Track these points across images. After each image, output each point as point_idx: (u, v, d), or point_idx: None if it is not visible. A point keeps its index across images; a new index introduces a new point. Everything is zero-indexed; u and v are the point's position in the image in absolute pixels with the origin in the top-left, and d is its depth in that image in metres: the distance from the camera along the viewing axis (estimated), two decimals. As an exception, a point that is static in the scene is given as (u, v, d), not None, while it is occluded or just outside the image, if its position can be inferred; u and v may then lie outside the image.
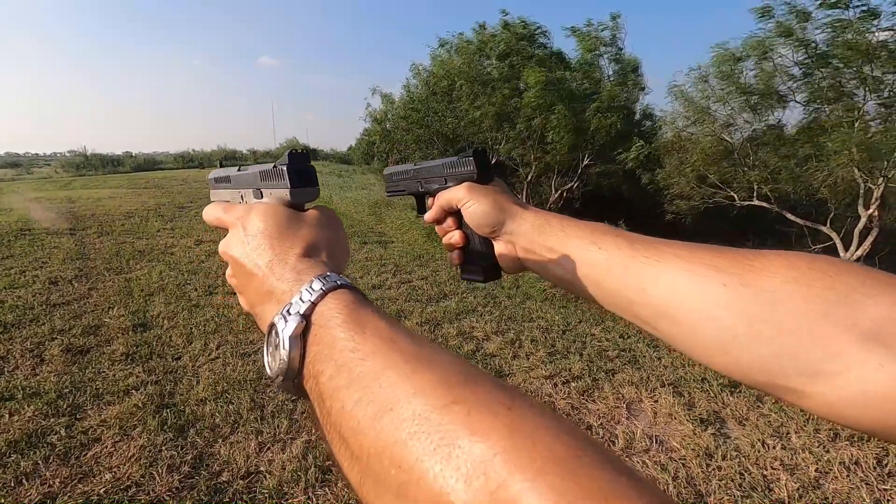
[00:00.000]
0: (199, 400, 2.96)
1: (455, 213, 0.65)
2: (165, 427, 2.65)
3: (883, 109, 7.29)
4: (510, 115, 12.86)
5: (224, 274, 0.49)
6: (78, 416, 2.76)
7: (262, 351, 0.39)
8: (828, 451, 2.53)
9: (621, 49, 12.66)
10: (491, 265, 0.63)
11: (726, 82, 8.59)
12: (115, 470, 2.29)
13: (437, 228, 0.69)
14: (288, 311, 0.36)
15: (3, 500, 2.07)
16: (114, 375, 3.26)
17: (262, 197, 0.51)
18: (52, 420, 2.70)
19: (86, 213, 10.67)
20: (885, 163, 6.93)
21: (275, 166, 0.47)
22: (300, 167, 0.46)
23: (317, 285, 0.36)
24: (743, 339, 0.37)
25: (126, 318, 4.33)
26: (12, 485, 2.18)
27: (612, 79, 12.84)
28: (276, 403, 2.92)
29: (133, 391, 3.04)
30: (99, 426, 2.66)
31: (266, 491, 2.17)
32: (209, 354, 3.62)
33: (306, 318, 0.35)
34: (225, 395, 3.01)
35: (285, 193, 0.47)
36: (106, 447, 2.48)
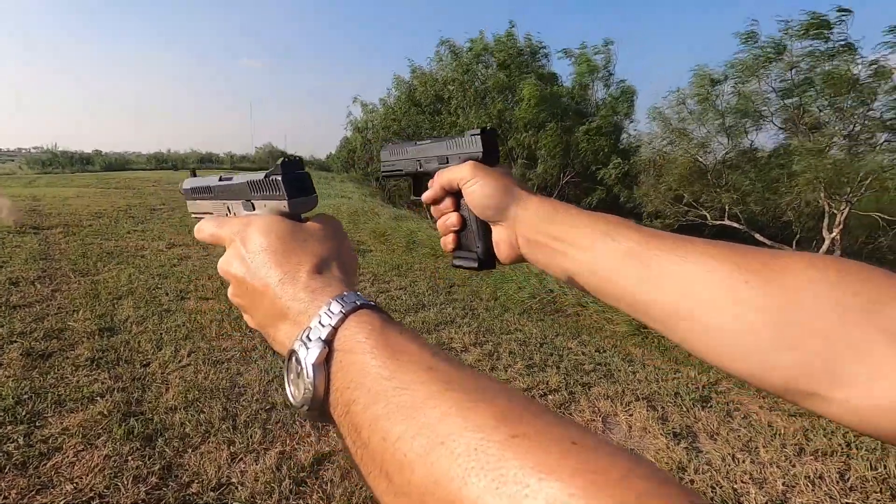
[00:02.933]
0: (168, 408, 2.86)
1: (455, 194, 0.62)
2: (132, 436, 2.55)
3: (848, 141, 7.68)
4: (501, 132, 13.06)
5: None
6: (38, 424, 2.63)
7: (284, 377, 0.37)
8: (794, 466, 2.60)
9: (612, 74, 13.05)
10: (486, 252, 0.60)
11: (703, 105, 8.93)
12: (76, 481, 2.19)
13: (433, 209, 0.66)
14: (308, 336, 0.34)
15: (-48, 513, 1.95)
16: (77, 381, 3.12)
17: (253, 209, 0.48)
18: (9, 428, 2.56)
19: (51, 211, 10.28)
20: (849, 189, 7.27)
21: (267, 176, 0.44)
22: (295, 176, 0.43)
23: (335, 307, 0.35)
24: (766, 340, 0.36)
25: (92, 321, 4.17)
26: (-37, 496, 2.06)
27: (603, 102, 13.20)
28: (249, 413, 2.85)
29: (98, 398, 2.92)
30: (60, 434, 2.54)
31: (238, 503, 2.11)
32: (180, 361, 3.51)
33: (328, 343, 0.33)
34: (196, 404, 2.92)
35: (282, 205, 0.44)
36: (67, 457, 2.36)
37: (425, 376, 0.29)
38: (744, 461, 2.63)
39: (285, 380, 0.37)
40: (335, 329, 0.34)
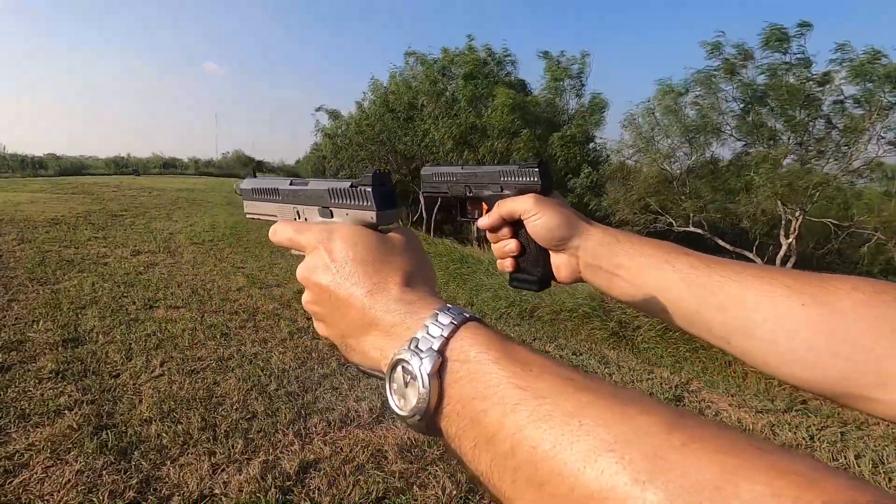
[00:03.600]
0: (142, 420, 2.76)
1: (514, 223, 0.64)
2: (105, 450, 2.45)
3: (803, 151, 8.14)
4: (471, 140, 13.17)
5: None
6: (1, 441, 2.49)
7: (386, 388, 0.37)
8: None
9: (584, 85, 13.39)
10: (545, 275, 0.62)
11: (669, 117, 9.29)
12: (47, 498, 2.08)
13: (489, 235, 0.68)
14: (417, 346, 0.34)
15: None
16: (42, 395, 2.97)
17: (331, 216, 0.47)
18: (-32, 445, 2.42)
19: (2, 217, 9.74)
20: (803, 198, 7.70)
21: (353, 185, 0.44)
22: (385, 189, 0.44)
23: (445, 319, 0.35)
24: (823, 355, 0.41)
25: (54, 332, 3.97)
26: (-78, 518, 1.93)
27: (573, 111, 13.51)
28: (229, 422, 2.78)
29: (66, 411, 2.79)
30: (26, 450, 2.41)
31: (222, 515, 2.05)
32: (152, 371, 3.39)
33: (441, 353, 0.33)
34: (172, 415, 2.82)
35: (369, 216, 0.44)
36: (35, 473, 2.25)
37: (565, 387, 0.28)
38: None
39: (388, 391, 0.37)
40: (447, 339, 0.34)
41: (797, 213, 8.13)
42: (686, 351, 4.43)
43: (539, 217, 0.59)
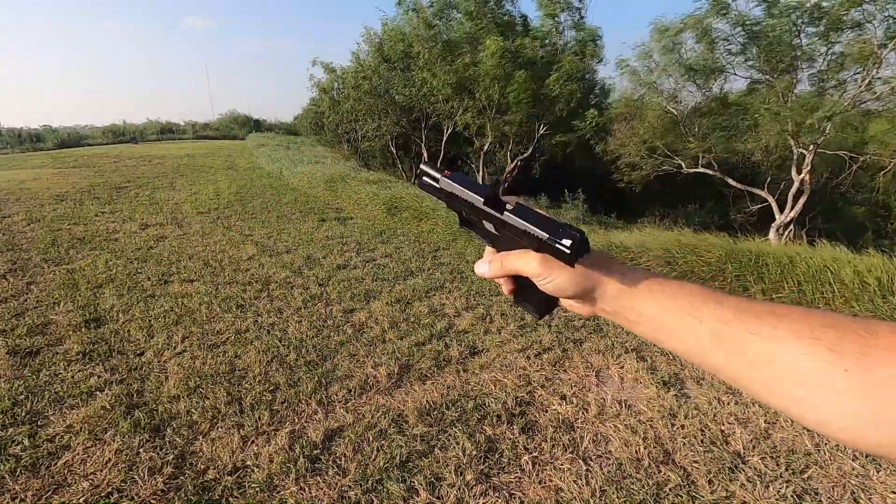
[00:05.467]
0: (171, 397, 2.87)
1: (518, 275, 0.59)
2: (139, 428, 2.57)
3: (817, 79, 7.75)
4: (469, 85, 12.70)
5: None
6: (40, 424, 2.62)
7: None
8: (774, 404, 2.80)
9: (583, 17, 12.69)
10: (548, 305, 0.59)
11: (668, 56, 8.85)
12: (91, 477, 2.21)
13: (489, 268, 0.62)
14: None
15: (-30, 520, 1.96)
16: (72, 377, 3.09)
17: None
18: (10, 430, 2.55)
19: (7, 197, 9.76)
20: (814, 134, 7.42)
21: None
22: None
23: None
24: (865, 419, 0.39)
25: (75, 313, 4.07)
26: (-22, 503, 2.06)
27: (571, 47, 12.89)
28: (253, 395, 2.88)
29: (97, 392, 2.91)
30: (65, 433, 2.54)
31: (256, 485, 2.17)
32: (174, 348, 3.49)
33: None
34: (198, 391, 2.93)
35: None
36: (77, 454, 2.38)
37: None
38: (728, 403, 2.82)
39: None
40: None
41: (810, 147, 7.88)
42: (696, 297, 4.47)
43: (550, 280, 0.55)
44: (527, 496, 2.14)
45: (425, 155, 17.08)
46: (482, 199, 0.56)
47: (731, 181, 9.56)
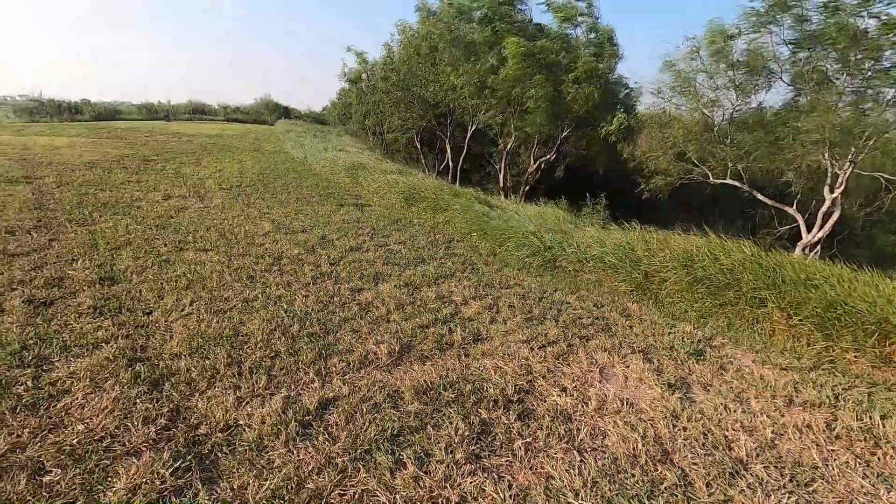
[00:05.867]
0: (173, 355, 2.90)
1: None
2: (139, 380, 2.60)
3: (856, 97, 7.49)
4: (491, 84, 12.65)
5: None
6: (45, 368, 2.67)
7: None
8: (783, 415, 2.69)
9: (597, 18, 12.52)
10: None
11: (716, 57, 8.64)
12: (87, 421, 2.24)
13: None
14: None
15: (-32, 450, 2.00)
16: (81, 328, 3.15)
17: None
18: (16, 371, 2.60)
19: (42, 160, 10.07)
20: (853, 148, 7.17)
21: None
22: None
23: None
24: None
25: (92, 270, 4.16)
26: (-23, 434, 2.10)
27: (587, 49, 12.74)
28: (253, 360, 2.89)
29: (103, 344, 2.96)
30: (68, 378, 2.58)
31: (246, 444, 2.17)
32: (182, 310, 3.53)
33: None
34: (200, 351, 2.96)
35: None
36: (77, 399, 2.41)
37: None
38: (735, 410, 2.72)
39: None
40: None
41: (846, 166, 7.60)
42: (712, 306, 4.32)
43: None
44: (516, 480, 2.09)
45: (449, 152, 17.07)
46: None
47: (759, 195, 9.29)
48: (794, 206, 9.11)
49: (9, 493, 1.80)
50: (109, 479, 1.92)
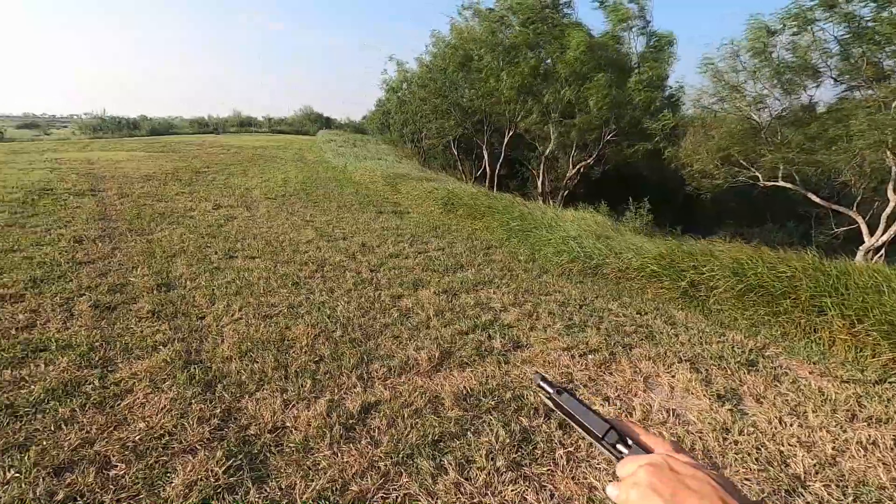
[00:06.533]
0: (224, 358, 3.04)
1: None
2: (194, 382, 2.74)
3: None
4: (534, 88, 12.57)
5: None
6: (110, 369, 2.86)
7: None
8: (845, 431, 2.54)
9: (649, 21, 12.24)
10: None
11: (759, 58, 8.26)
12: (148, 419, 2.38)
13: None
14: None
15: (44, 444, 2.16)
16: (141, 331, 3.35)
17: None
18: (85, 371, 2.80)
19: (105, 174, 10.78)
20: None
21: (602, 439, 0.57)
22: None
23: None
24: None
25: (150, 277, 4.41)
26: (52, 429, 2.27)
27: (646, 54, 12.46)
28: (299, 364, 2.99)
29: (161, 347, 3.13)
30: (130, 378, 2.75)
31: (293, 445, 2.25)
32: (232, 315, 3.70)
33: None
34: (249, 355, 3.08)
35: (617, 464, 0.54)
36: (138, 398, 2.57)
37: None
38: (791, 424, 2.58)
39: None
40: None
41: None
42: (765, 314, 4.12)
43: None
44: (558, 490, 2.06)
45: (486, 158, 17.08)
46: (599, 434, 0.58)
47: (814, 197, 8.78)
48: (854, 209, 8.56)
49: (80, 486, 1.94)
50: (168, 474, 2.03)
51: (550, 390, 0.64)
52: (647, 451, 0.55)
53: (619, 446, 0.56)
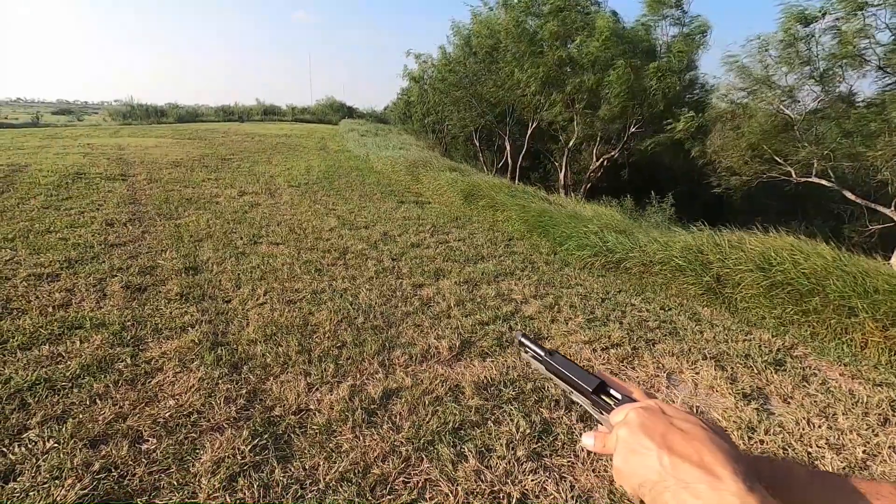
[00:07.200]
0: (250, 340, 3.10)
1: None
2: (220, 363, 2.80)
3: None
4: (557, 79, 12.38)
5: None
6: (141, 348, 2.95)
7: None
8: (877, 435, 2.47)
9: (685, 12, 11.86)
10: None
11: (790, 50, 7.95)
12: (177, 397, 2.46)
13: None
14: None
15: (80, 417, 2.25)
16: (170, 313, 3.44)
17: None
18: (117, 349, 2.89)
19: (135, 160, 11.04)
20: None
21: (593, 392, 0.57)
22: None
23: None
24: None
25: (178, 260, 4.52)
26: (87, 403, 2.36)
27: (676, 41, 12.11)
28: (322, 349, 3.04)
29: (189, 328, 3.22)
30: (160, 357, 2.83)
31: (316, 427, 2.29)
32: (257, 299, 3.77)
33: None
34: (274, 338, 3.14)
35: (603, 420, 0.57)
36: (168, 377, 2.65)
37: None
38: (820, 426, 2.52)
39: None
40: None
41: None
42: (794, 313, 4.01)
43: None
44: (578, 482, 2.06)
45: (508, 149, 16.94)
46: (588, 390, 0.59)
47: (849, 194, 8.46)
48: (893, 208, 8.23)
49: (114, 458, 2.02)
50: (197, 451, 2.10)
51: (541, 352, 0.64)
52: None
53: (608, 400, 0.57)
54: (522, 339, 0.67)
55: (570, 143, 14.12)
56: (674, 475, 0.42)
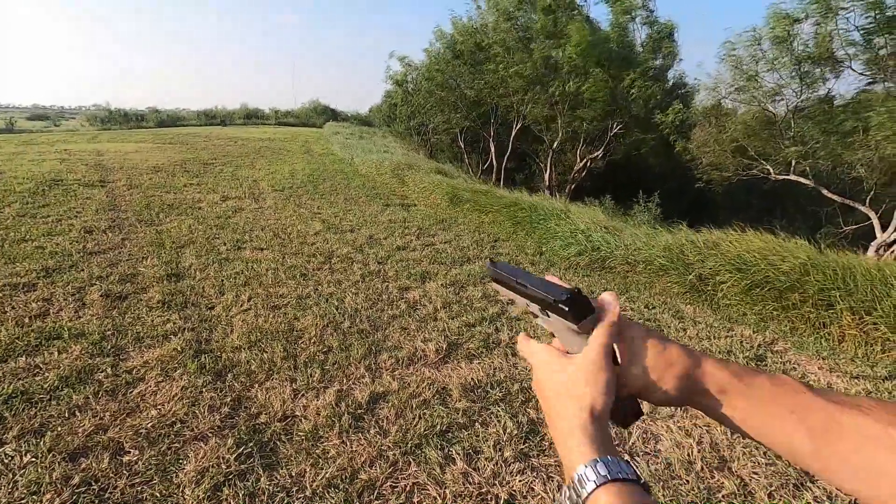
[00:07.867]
0: (234, 347, 3.06)
1: None
2: (204, 371, 2.77)
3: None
4: (543, 78, 12.49)
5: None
6: (121, 357, 2.89)
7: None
8: (854, 426, 2.52)
9: (652, 11, 12.08)
10: (634, 411, 0.56)
11: (779, 47, 8.14)
12: (160, 407, 2.41)
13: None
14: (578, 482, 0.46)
15: (59, 429, 2.20)
16: (152, 321, 3.38)
17: (549, 317, 0.57)
18: (97, 359, 2.83)
19: (114, 165, 10.84)
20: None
21: (556, 303, 0.54)
22: (580, 303, 0.53)
23: (602, 471, 0.44)
24: None
25: (160, 267, 4.45)
26: (66, 415, 2.31)
27: (644, 44, 12.33)
28: (308, 354, 3.01)
29: (171, 336, 3.17)
30: (142, 367, 2.78)
31: (302, 433, 2.27)
32: (241, 305, 3.73)
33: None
34: (258, 345, 3.11)
35: (573, 326, 0.54)
36: (150, 386, 2.60)
37: None
38: (800, 419, 2.57)
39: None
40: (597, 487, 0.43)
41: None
42: (773, 309, 4.09)
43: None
44: (565, 482, 2.07)
45: (493, 150, 17.01)
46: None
47: (826, 192, 8.68)
48: (867, 204, 8.45)
49: (94, 471, 1.97)
50: (181, 461, 2.06)
51: (505, 272, 0.62)
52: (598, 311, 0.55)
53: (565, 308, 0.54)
54: (491, 266, 0.65)
55: (555, 144, 14.24)
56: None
